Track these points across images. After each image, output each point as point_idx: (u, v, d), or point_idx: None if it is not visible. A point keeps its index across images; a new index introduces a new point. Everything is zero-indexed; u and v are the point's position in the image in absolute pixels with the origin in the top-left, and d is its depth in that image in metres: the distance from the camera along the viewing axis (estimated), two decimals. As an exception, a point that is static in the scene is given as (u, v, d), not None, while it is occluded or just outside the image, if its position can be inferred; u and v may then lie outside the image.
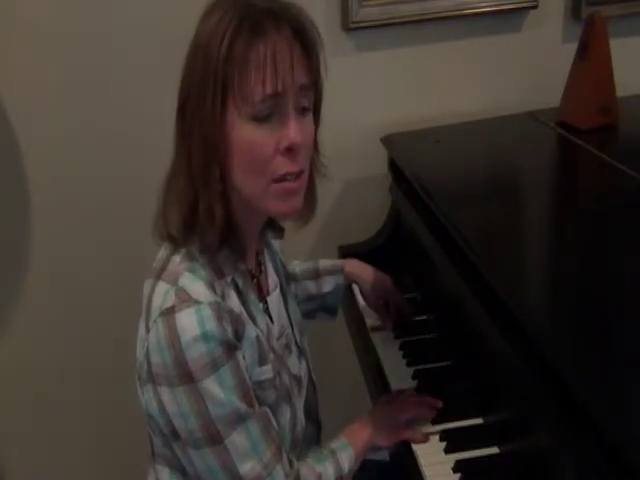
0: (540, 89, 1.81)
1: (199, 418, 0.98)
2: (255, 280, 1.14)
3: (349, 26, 1.72)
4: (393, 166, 1.70)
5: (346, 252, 1.76)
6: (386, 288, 1.51)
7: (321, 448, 1.18)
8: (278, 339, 1.15)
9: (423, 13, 1.75)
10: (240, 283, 1.06)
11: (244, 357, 1.02)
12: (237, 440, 1.00)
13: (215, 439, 0.99)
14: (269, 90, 0.96)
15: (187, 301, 0.97)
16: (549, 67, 1.82)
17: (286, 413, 1.10)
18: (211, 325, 0.96)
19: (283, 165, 0.99)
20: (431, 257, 1.41)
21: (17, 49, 1.66)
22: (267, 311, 1.14)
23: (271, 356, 1.08)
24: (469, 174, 1.55)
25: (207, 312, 0.96)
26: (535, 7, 1.80)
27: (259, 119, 0.97)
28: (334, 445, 1.17)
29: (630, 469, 0.82)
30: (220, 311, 0.98)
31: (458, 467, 1.15)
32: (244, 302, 1.06)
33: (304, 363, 1.23)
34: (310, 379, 1.26)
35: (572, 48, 1.67)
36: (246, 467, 1.01)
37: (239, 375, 0.99)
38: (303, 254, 1.90)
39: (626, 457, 0.83)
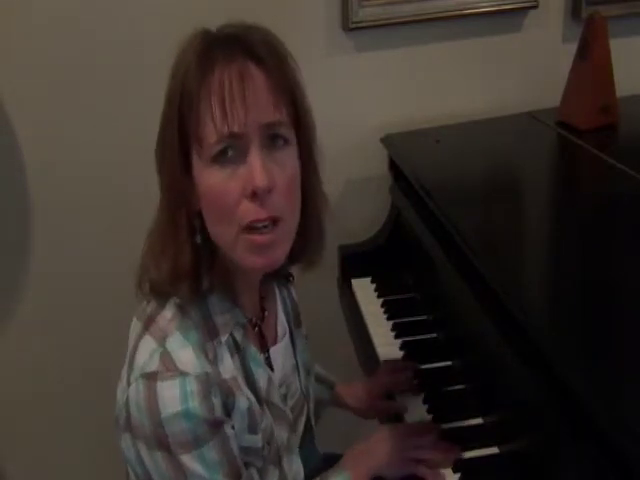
0: (540, 89, 1.81)
1: None
2: (257, 329, 1.05)
3: (349, 26, 1.72)
4: (393, 166, 1.70)
5: (346, 252, 1.76)
6: (379, 393, 1.36)
7: None
8: (280, 387, 1.08)
9: (423, 13, 1.74)
10: (239, 337, 0.98)
11: (233, 427, 0.94)
12: None
13: None
14: (222, 130, 0.86)
15: (172, 370, 0.89)
16: (549, 67, 1.82)
17: (273, 477, 1.02)
18: (195, 402, 0.88)
19: (249, 212, 0.88)
20: (431, 257, 1.41)
21: (18, 49, 1.66)
22: (268, 361, 1.06)
23: (263, 424, 0.99)
24: (469, 174, 1.55)
25: (193, 387, 0.89)
26: (535, 7, 1.80)
27: (220, 161, 0.87)
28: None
29: (630, 469, 0.82)
30: (208, 384, 0.90)
31: (458, 467, 1.15)
32: (242, 358, 0.98)
33: (305, 407, 1.16)
34: (308, 419, 1.17)
35: (572, 48, 1.67)
36: None
37: (225, 450, 0.91)
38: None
39: (626, 457, 0.83)
